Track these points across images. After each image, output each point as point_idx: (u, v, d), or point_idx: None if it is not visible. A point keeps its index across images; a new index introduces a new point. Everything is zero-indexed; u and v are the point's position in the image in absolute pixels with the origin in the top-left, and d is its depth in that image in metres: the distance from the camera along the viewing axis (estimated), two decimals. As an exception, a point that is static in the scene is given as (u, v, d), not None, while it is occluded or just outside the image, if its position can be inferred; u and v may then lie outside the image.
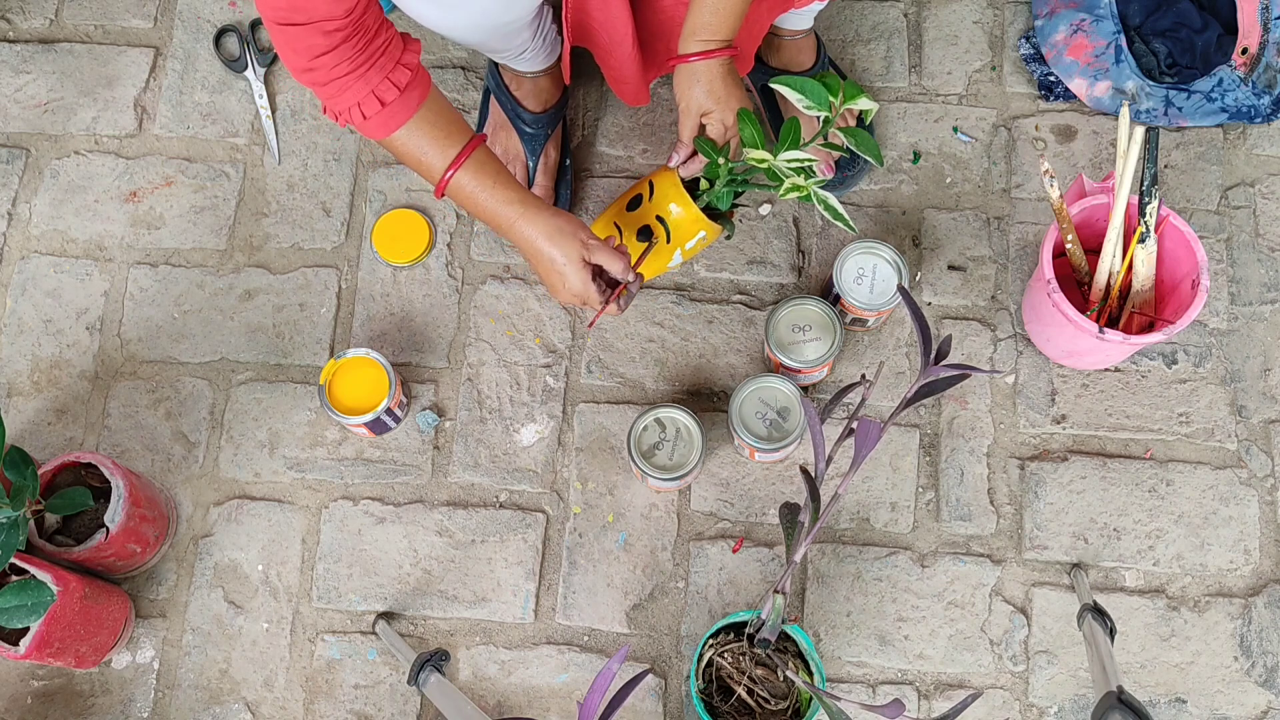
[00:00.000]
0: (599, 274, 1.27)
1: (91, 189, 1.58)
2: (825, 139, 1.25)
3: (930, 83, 1.61)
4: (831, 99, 1.22)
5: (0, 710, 1.37)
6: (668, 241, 1.33)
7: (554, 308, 1.51)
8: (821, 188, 1.52)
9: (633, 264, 1.28)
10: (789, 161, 1.23)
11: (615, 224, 1.35)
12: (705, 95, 1.23)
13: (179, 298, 1.53)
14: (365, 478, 1.45)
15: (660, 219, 1.32)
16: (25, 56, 1.65)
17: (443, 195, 1.24)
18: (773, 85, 1.23)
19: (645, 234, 1.33)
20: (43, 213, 1.57)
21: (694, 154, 1.29)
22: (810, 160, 1.23)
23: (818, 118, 1.24)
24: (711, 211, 1.33)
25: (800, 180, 1.23)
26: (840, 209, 1.24)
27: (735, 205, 1.35)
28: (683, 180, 1.31)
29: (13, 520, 1.19)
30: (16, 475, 1.22)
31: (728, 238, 1.40)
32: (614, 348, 1.50)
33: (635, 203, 1.34)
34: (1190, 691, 1.36)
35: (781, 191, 1.23)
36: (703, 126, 1.27)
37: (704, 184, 1.32)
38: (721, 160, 1.26)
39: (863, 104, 1.23)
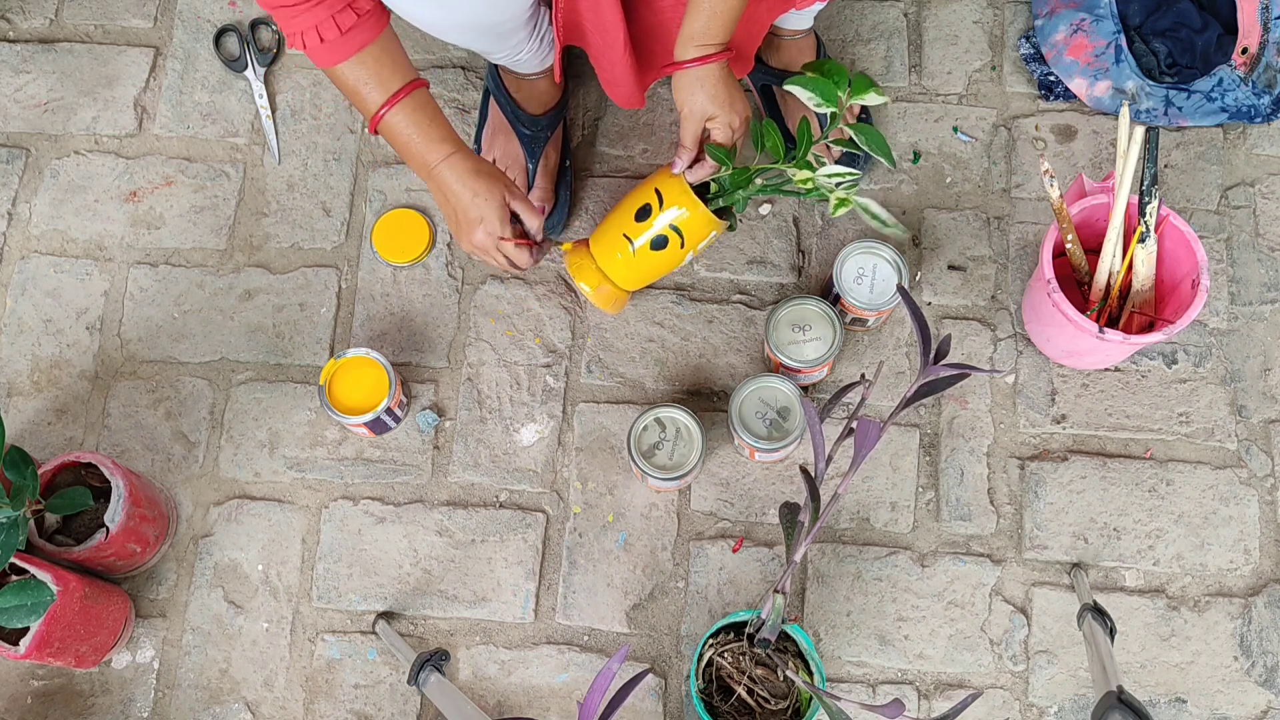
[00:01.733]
0: (514, 220, 1.30)
1: (91, 189, 1.58)
2: (833, 135, 1.25)
3: (930, 82, 1.61)
4: (839, 93, 1.22)
5: (0, 710, 1.37)
6: (682, 247, 1.33)
7: (554, 308, 1.51)
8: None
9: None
10: (832, 176, 1.24)
11: (625, 235, 1.34)
12: (708, 100, 1.23)
13: (179, 298, 1.53)
14: (365, 477, 1.45)
15: (674, 227, 1.32)
16: (25, 56, 1.65)
17: (376, 131, 1.25)
18: (787, 87, 1.23)
19: (660, 243, 1.33)
20: (43, 213, 1.57)
21: (698, 159, 1.29)
22: (852, 174, 1.24)
23: (826, 114, 1.24)
24: (717, 210, 1.33)
25: (843, 194, 1.24)
26: (887, 217, 1.25)
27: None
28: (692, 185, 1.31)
29: (13, 520, 1.19)
30: (16, 475, 1.22)
31: (730, 230, 1.40)
32: (614, 347, 1.50)
33: (645, 212, 1.33)
34: (1190, 691, 1.36)
35: (832, 210, 1.25)
36: (706, 131, 1.27)
37: (713, 186, 1.32)
38: (729, 169, 1.27)
39: (872, 99, 1.23)
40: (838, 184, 1.24)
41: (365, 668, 1.38)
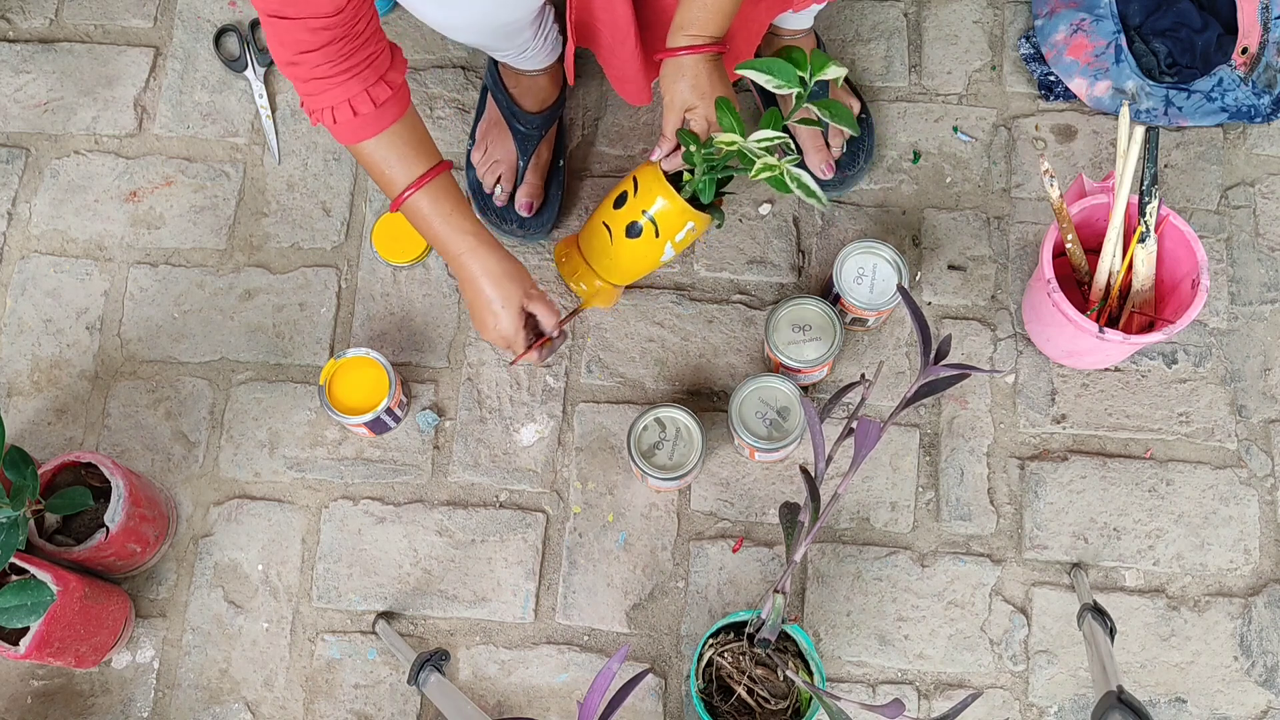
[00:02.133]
0: (529, 321, 1.30)
1: (91, 189, 1.58)
2: (800, 115, 1.23)
3: (930, 82, 1.61)
4: (800, 73, 1.20)
5: (0, 710, 1.37)
6: (657, 235, 1.31)
7: (554, 307, 1.51)
8: (822, 188, 1.53)
9: (561, 321, 1.32)
10: (759, 142, 1.20)
11: (604, 224, 1.33)
12: (690, 90, 1.22)
13: (179, 297, 1.53)
14: (365, 477, 1.45)
15: (646, 214, 1.30)
16: (25, 56, 1.65)
17: (398, 210, 1.24)
18: (739, 70, 1.21)
19: (634, 230, 1.31)
20: (43, 212, 1.57)
21: (677, 147, 1.28)
22: (780, 138, 1.20)
23: (792, 95, 1.21)
24: (699, 203, 1.31)
25: (772, 160, 1.20)
26: (814, 187, 1.21)
27: (724, 194, 1.33)
28: (666, 173, 1.29)
29: (13, 520, 1.19)
30: (16, 475, 1.22)
31: (718, 226, 1.37)
32: (614, 347, 1.50)
33: (621, 200, 1.32)
34: (1190, 691, 1.36)
35: (753, 173, 1.21)
36: (686, 121, 1.26)
37: (687, 175, 1.29)
38: (695, 148, 1.24)
39: (832, 71, 1.20)
40: (767, 149, 1.20)
41: (365, 668, 1.38)
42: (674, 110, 1.24)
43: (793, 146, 1.23)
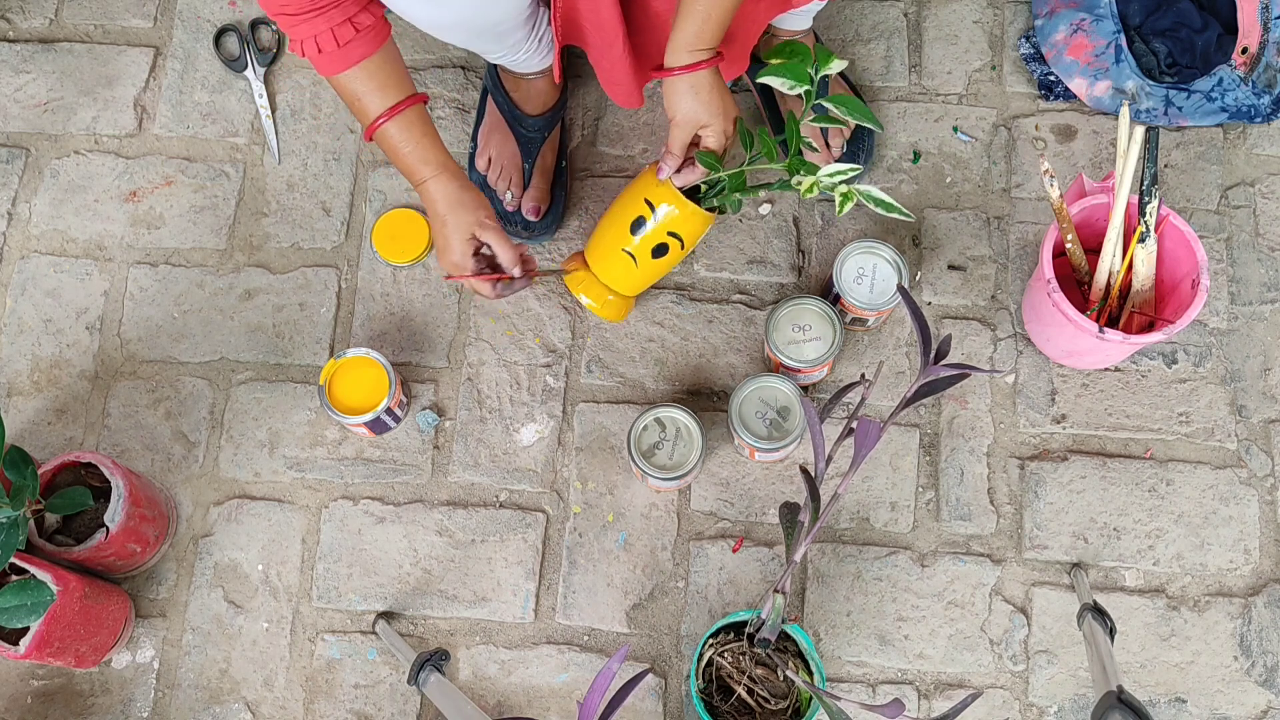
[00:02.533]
0: (484, 251, 1.31)
1: (91, 189, 1.58)
2: (814, 114, 1.25)
3: (930, 82, 1.61)
4: (809, 70, 1.22)
5: (0, 710, 1.37)
6: (682, 248, 1.34)
7: (554, 308, 1.51)
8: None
9: (524, 261, 1.31)
10: (833, 175, 1.23)
11: (628, 252, 1.33)
12: (702, 108, 1.23)
13: (179, 297, 1.53)
14: (365, 477, 1.45)
15: (673, 234, 1.32)
16: (25, 56, 1.65)
17: (370, 139, 1.26)
18: (761, 80, 1.23)
19: (660, 251, 1.33)
20: (43, 212, 1.57)
21: (686, 163, 1.29)
22: (856, 170, 1.23)
23: (801, 94, 1.23)
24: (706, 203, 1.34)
25: (845, 189, 1.24)
26: (890, 199, 1.24)
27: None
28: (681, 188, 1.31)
29: (13, 520, 1.19)
30: (16, 475, 1.22)
31: (735, 212, 1.41)
32: (614, 347, 1.50)
33: (639, 224, 1.32)
34: (1190, 691, 1.36)
35: (839, 209, 1.23)
36: (697, 137, 1.27)
37: (702, 188, 1.32)
38: (721, 170, 1.27)
39: (834, 65, 1.22)
40: (840, 181, 1.24)
41: (365, 668, 1.38)
42: (685, 128, 1.25)
43: (860, 169, 1.27)
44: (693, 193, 1.33)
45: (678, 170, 1.29)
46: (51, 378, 1.50)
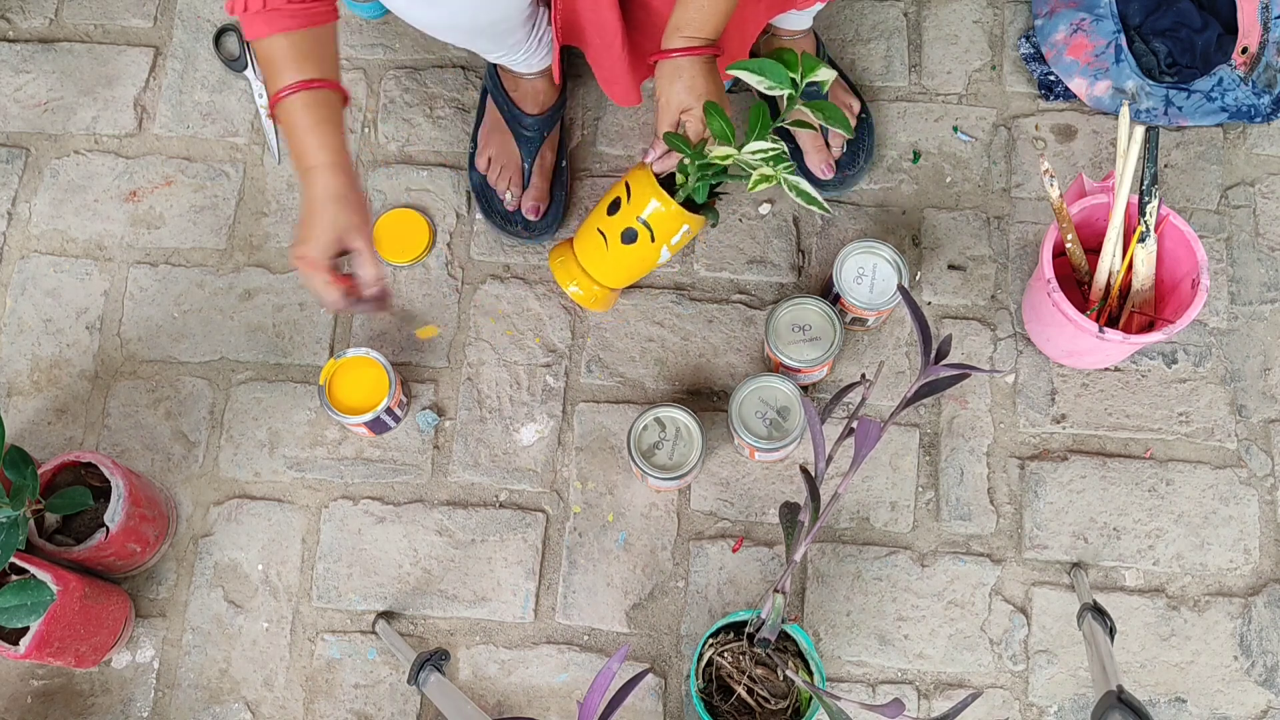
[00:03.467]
0: (343, 262, 1.22)
1: (91, 188, 1.58)
2: (794, 117, 1.22)
3: (930, 82, 1.61)
4: (792, 75, 1.19)
5: (0, 710, 1.37)
6: (652, 240, 1.31)
7: (554, 308, 1.51)
8: (821, 188, 1.53)
9: (380, 283, 1.23)
10: (755, 154, 1.20)
11: (599, 230, 1.32)
12: (685, 91, 1.21)
13: (179, 297, 1.53)
14: (365, 477, 1.45)
15: (641, 219, 1.29)
16: (25, 56, 1.65)
17: (273, 112, 1.20)
18: (731, 71, 1.20)
19: (630, 236, 1.30)
20: (42, 212, 1.57)
21: (669, 150, 1.27)
22: (774, 149, 1.20)
23: (783, 97, 1.20)
24: (692, 203, 1.30)
25: (769, 170, 1.20)
26: (813, 193, 1.21)
27: (719, 194, 1.33)
28: (658, 176, 1.28)
29: (13, 520, 1.19)
30: (16, 475, 1.22)
31: (713, 226, 1.37)
32: (614, 347, 1.50)
33: (615, 206, 1.31)
34: (1190, 691, 1.36)
35: (750, 185, 1.20)
36: (682, 124, 1.25)
37: (680, 178, 1.29)
38: (687, 152, 1.23)
39: (821, 74, 1.19)
40: (765, 160, 1.20)
41: (365, 667, 1.38)
42: (668, 112, 1.23)
43: (787, 153, 1.22)
44: (674, 184, 1.31)
45: (662, 158, 1.28)
46: (51, 378, 1.50)
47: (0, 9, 1.68)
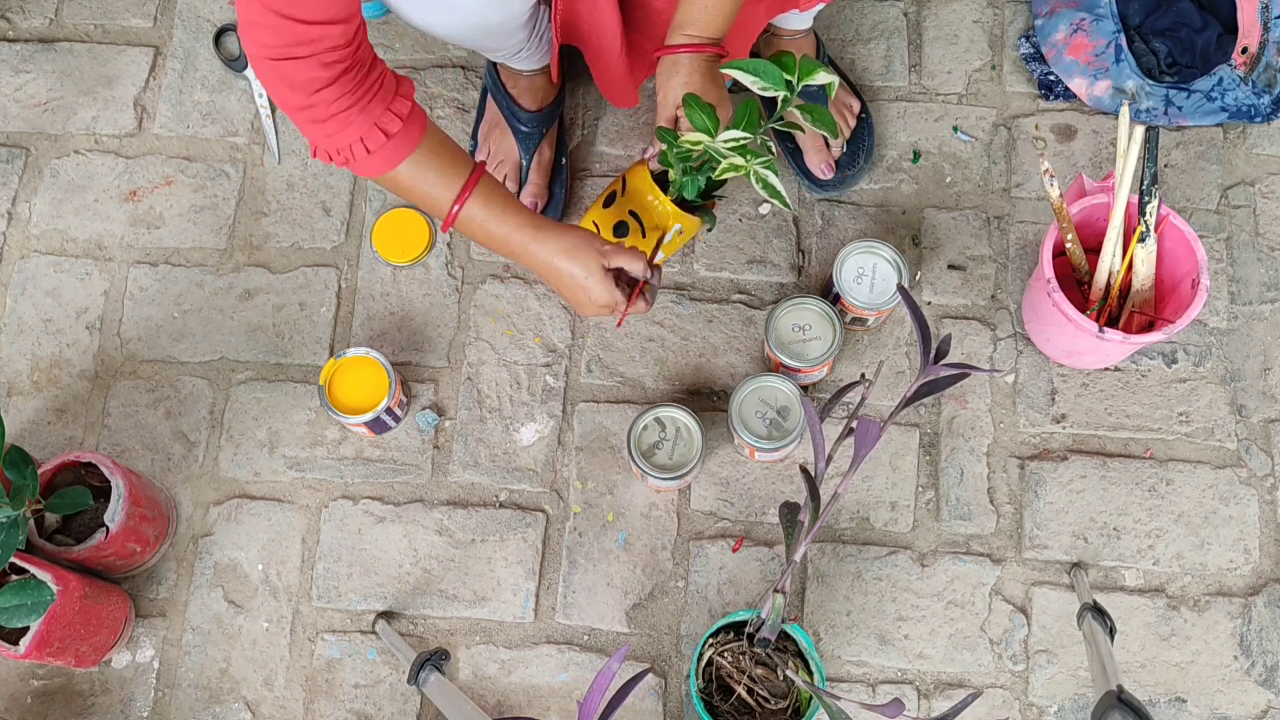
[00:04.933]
0: (619, 276, 1.26)
1: (91, 188, 1.58)
2: (783, 119, 1.21)
3: (930, 82, 1.61)
4: (787, 77, 1.17)
5: (0, 710, 1.37)
6: (643, 235, 1.30)
7: (554, 307, 1.51)
8: (821, 188, 1.53)
9: (649, 258, 1.26)
10: (726, 142, 1.19)
11: (594, 222, 1.32)
12: (683, 88, 1.20)
13: (179, 297, 1.53)
14: (365, 477, 1.45)
15: (633, 213, 1.29)
16: (25, 56, 1.65)
17: (450, 227, 1.21)
18: (724, 70, 1.18)
19: (621, 229, 1.30)
20: (42, 212, 1.57)
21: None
22: (745, 138, 1.19)
23: (778, 99, 1.19)
24: (689, 205, 1.30)
25: (739, 160, 1.19)
26: (778, 186, 1.19)
27: (715, 196, 1.33)
28: (653, 173, 1.28)
29: (13, 520, 1.19)
30: (16, 474, 1.22)
31: (709, 230, 1.36)
32: (614, 347, 1.50)
33: (610, 199, 1.31)
34: (1190, 691, 1.36)
35: (718, 172, 1.20)
36: (678, 120, 1.24)
37: (672, 174, 1.28)
38: (671, 145, 1.22)
39: (821, 78, 1.18)
40: (736, 149, 1.19)
41: (365, 667, 1.38)
42: (666, 108, 1.22)
43: (772, 148, 1.20)
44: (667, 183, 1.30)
45: (656, 155, 1.29)
46: (51, 377, 1.50)
47: (0, 9, 1.68)
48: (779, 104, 1.20)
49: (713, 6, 1.18)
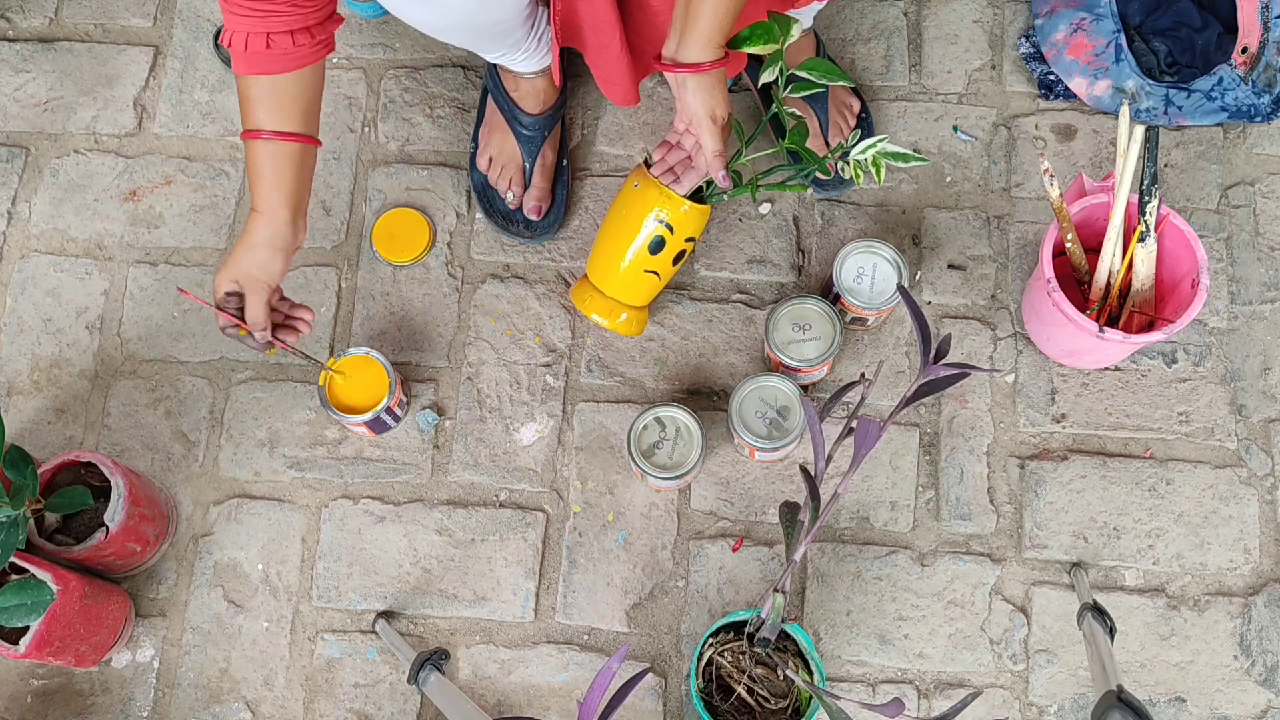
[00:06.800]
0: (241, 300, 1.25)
1: (91, 188, 1.58)
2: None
3: (930, 82, 1.61)
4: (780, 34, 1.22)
5: (0, 709, 1.37)
6: (671, 234, 1.34)
7: (554, 307, 1.51)
8: (822, 188, 1.54)
9: (267, 330, 1.26)
10: (864, 150, 1.27)
11: (651, 271, 1.35)
12: (723, 103, 1.23)
13: (179, 297, 1.53)
14: (365, 477, 1.45)
15: (692, 239, 1.34)
16: (25, 55, 1.65)
17: (245, 137, 1.22)
18: (733, 48, 1.21)
19: (680, 258, 1.35)
20: (42, 212, 1.57)
21: (680, 165, 1.30)
22: (883, 138, 1.28)
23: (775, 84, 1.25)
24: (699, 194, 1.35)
25: (873, 152, 1.27)
26: (907, 150, 1.28)
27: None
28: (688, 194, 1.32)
29: (13, 519, 1.19)
30: (16, 474, 1.22)
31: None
32: (614, 347, 1.50)
33: (659, 244, 1.33)
34: (1190, 690, 1.36)
35: (879, 178, 1.28)
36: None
37: (704, 187, 1.32)
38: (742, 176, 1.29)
39: (795, 32, 1.22)
40: (873, 152, 1.27)
41: (365, 667, 1.38)
42: (707, 120, 1.23)
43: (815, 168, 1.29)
44: (695, 193, 1.33)
45: (670, 169, 1.30)
46: (51, 377, 1.50)
47: (0, 9, 1.68)
48: (777, 90, 1.25)
49: (727, 16, 1.17)
